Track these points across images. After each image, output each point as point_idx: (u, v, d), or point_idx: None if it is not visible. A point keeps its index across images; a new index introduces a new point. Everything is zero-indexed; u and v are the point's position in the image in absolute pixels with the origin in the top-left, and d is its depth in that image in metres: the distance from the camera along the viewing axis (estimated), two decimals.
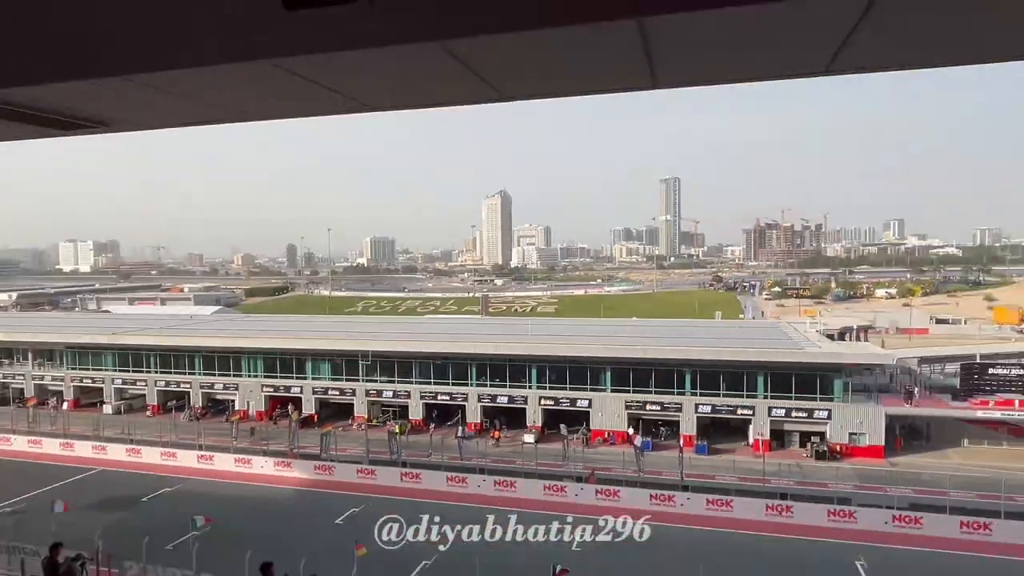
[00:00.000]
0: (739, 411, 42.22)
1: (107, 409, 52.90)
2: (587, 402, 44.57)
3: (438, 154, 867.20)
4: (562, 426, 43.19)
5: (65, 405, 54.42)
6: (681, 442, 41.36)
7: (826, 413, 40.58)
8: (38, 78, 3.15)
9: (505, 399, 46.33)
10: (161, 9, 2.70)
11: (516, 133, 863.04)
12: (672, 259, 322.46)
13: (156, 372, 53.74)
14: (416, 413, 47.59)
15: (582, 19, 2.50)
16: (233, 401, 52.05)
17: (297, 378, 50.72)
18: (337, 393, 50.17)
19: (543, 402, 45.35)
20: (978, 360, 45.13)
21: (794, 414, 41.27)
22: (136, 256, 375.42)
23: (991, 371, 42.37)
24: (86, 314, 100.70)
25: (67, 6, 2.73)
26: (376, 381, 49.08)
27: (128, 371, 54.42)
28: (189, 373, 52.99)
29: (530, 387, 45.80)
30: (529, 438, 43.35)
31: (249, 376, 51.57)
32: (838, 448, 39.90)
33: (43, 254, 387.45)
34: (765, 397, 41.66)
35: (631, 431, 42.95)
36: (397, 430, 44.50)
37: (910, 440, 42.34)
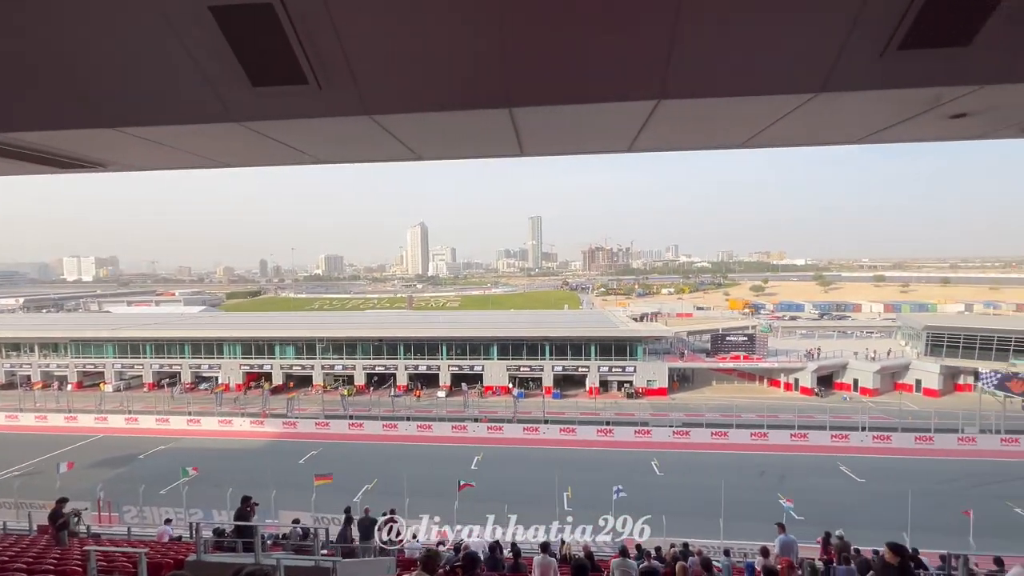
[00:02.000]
0: (579, 369, 43.84)
1: (108, 388, 45.92)
2: (481, 367, 44.47)
3: (377, 192, 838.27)
4: (463, 384, 42.90)
5: (69, 387, 46.73)
6: (543, 391, 42.55)
7: (633, 368, 43.15)
8: (43, 124, 2.70)
9: (424, 367, 45.25)
10: (153, 76, 2.40)
11: (433, 180, 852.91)
12: (536, 270, 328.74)
13: (151, 357, 47.43)
14: (360, 380, 45.39)
15: (472, 107, 2.50)
16: (216, 377, 47.09)
17: (268, 358, 46.75)
18: (300, 368, 46.78)
19: (451, 368, 44.73)
20: (720, 332, 49.81)
21: (613, 369, 43.49)
22: (133, 269, 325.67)
23: (727, 338, 46.89)
24: (88, 314, 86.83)
25: (70, 65, 2.36)
26: (329, 358, 46.30)
27: (127, 357, 47.59)
28: (180, 357, 47.33)
29: (442, 358, 45.05)
30: (441, 394, 42.75)
31: (229, 358, 46.89)
32: (640, 390, 42.54)
33: (47, 267, 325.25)
34: (595, 359, 43.59)
35: (510, 385, 43.52)
36: (345, 393, 42.40)
37: (682, 383, 46.02)
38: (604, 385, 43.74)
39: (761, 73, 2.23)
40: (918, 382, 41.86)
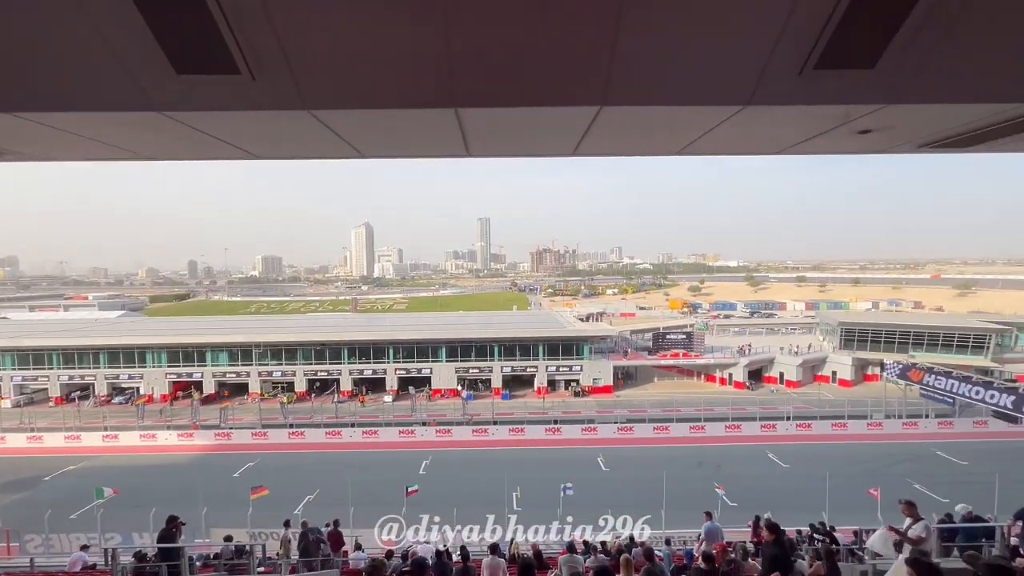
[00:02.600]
0: (527, 369, 44.26)
1: (6, 404, 41.02)
2: (429, 370, 43.88)
3: (320, 191, 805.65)
4: (411, 388, 42.12)
5: None
6: (492, 392, 42.61)
7: (579, 367, 44.10)
8: None
9: (370, 371, 44.03)
10: (56, 55, 2.17)
11: (380, 179, 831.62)
12: (485, 271, 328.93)
13: (59, 368, 42.82)
14: (300, 386, 43.42)
15: (417, 105, 2.46)
16: (138, 388, 43.31)
17: (198, 365, 43.63)
18: (234, 375, 44.02)
19: (398, 371, 43.82)
20: (661, 330, 51.98)
21: (560, 369, 44.24)
22: (37, 270, 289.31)
23: (668, 337, 49.05)
24: None
25: None
26: (267, 364, 43.94)
27: (28, 368, 42.67)
28: (94, 367, 43.10)
29: (388, 362, 44.02)
30: (388, 398, 41.76)
31: (153, 367, 43.29)
32: (586, 388, 43.55)
33: None
34: (543, 359, 44.15)
35: (459, 388, 43.22)
36: (285, 400, 40.44)
37: (626, 380, 47.59)
38: (552, 384, 44.38)
39: (695, 85, 2.36)
40: (834, 373, 45.79)
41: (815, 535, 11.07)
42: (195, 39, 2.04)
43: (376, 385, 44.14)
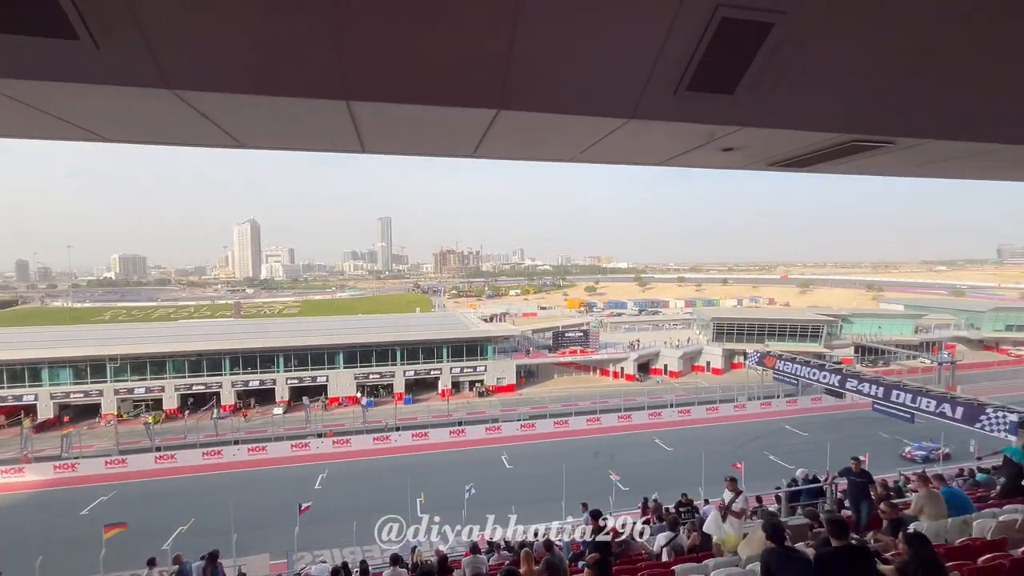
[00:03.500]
0: (431, 372, 43.63)
1: None
2: (325, 378, 41.29)
3: (194, 182, 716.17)
4: (304, 398, 39.25)
5: None
6: (394, 397, 41.26)
7: (484, 367, 44.46)
8: None
9: (257, 382, 40.19)
10: None
11: (266, 172, 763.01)
12: (387, 272, 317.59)
13: None
14: (171, 403, 38.22)
15: (303, 94, 2.29)
16: None
17: (31, 386, 36.36)
18: (81, 395, 37.42)
19: (289, 381, 40.56)
20: (560, 328, 54.21)
21: (465, 370, 44.24)
22: None
23: (566, 335, 51.37)
24: None
25: None
26: (126, 380, 38.01)
27: None
28: None
29: (278, 371, 40.58)
30: (278, 410, 38.46)
31: None
32: (491, 388, 44.05)
33: None
34: (447, 360, 43.75)
35: (359, 395, 41.22)
36: (151, 420, 35.30)
37: (528, 378, 48.96)
38: (456, 386, 44.15)
39: (586, 97, 2.49)
40: (708, 363, 51.51)
41: (679, 508, 12.40)
42: None
43: (265, 397, 40.45)
